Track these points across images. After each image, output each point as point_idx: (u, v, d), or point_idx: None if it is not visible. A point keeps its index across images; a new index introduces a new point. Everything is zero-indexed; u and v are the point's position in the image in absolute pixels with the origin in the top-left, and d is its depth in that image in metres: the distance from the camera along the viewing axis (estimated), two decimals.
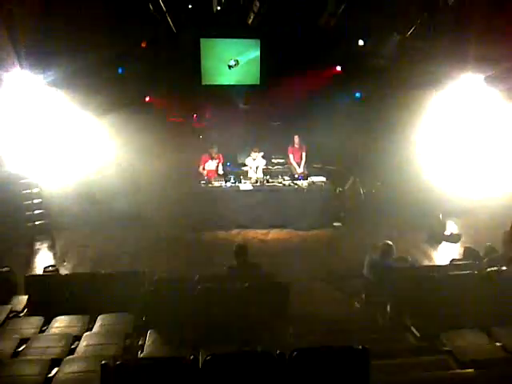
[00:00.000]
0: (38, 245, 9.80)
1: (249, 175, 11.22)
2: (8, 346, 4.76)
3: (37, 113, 9.81)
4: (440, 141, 10.65)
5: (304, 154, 11.92)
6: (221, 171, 11.21)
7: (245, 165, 11.57)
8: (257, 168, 11.35)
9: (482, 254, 6.96)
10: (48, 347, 4.71)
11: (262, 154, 11.37)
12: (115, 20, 10.64)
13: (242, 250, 6.29)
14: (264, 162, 11.50)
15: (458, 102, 10.31)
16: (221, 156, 11.26)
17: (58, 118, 10.12)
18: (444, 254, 9.12)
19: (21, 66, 9.11)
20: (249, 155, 11.42)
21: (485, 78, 9.62)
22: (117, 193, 10.25)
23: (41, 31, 9.15)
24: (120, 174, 10.48)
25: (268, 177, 11.15)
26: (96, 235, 10.01)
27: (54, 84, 9.75)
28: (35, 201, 10.34)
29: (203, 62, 13.62)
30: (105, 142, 10.55)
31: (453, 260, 7.30)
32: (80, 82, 10.09)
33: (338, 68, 13.68)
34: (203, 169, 11.05)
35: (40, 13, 9.13)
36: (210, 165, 11.13)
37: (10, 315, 5.72)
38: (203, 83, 13.71)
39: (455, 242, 9.64)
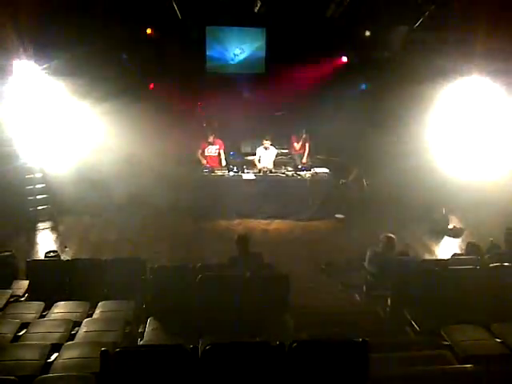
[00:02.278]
0: (40, 230, 9.83)
1: (257, 164, 11.13)
2: (8, 330, 4.77)
3: (40, 99, 9.77)
4: (446, 134, 10.58)
5: (308, 145, 11.87)
6: (223, 161, 11.16)
7: (254, 154, 11.46)
8: (270, 159, 11.25)
9: (484, 249, 6.95)
10: (48, 332, 4.73)
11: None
12: (120, 6, 10.55)
13: (243, 239, 6.29)
14: (276, 152, 11.40)
15: (464, 95, 10.23)
16: (221, 141, 11.20)
17: (61, 105, 10.08)
18: (446, 249, 9.11)
19: (25, 53, 9.06)
20: (261, 144, 11.29)
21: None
22: (119, 179, 10.24)
23: (44, 18, 9.09)
24: (119, 161, 10.48)
25: (271, 167, 11.12)
26: (98, 221, 10.03)
27: (57, 70, 9.69)
28: (38, 186, 10.35)
29: (208, 49, 13.54)
30: (107, 129, 10.51)
31: (455, 255, 7.29)
32: (84, 68, 10.03)
33: (344, 59, 13.57)
34: (201, 154, 11.05)
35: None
36: (210, 150, 11.09)
37: (11, 300, 5.74)
38: (208, 71, 13.64)
39: (457, 237, 9.63)
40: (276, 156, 11.49)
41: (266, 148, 11.19)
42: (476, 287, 5.43)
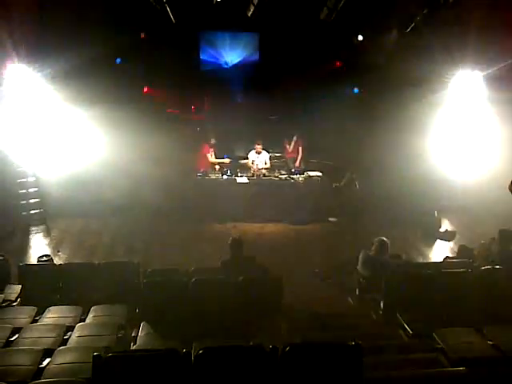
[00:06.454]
0: (32, 234, 9.78)
1: (251, 169, 11.17)
2: (0, 335, 4.74)
3: (33, 103, 9.74)
4: (437, 137, 10.64)
5: (301, 149, 11.90)
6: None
7: (246, 158, 11.50)
8: (264, 163, 11.28)
9: (476, 252, 6.98)
10: (41, 337, 4.69)
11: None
12: (114, 10, 10.56)
13: (237, 243, 6.28)
14: (268, 155, 11.43)
15: (456, 99, 10.30)
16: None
17: (54, 108, 10.05)
18: (438, 252, 9.14)
19: (18, 57, 9.03)
20: (252, 149, 11.33)
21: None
22: (112, 183, 10.22)
23: (38, 21, 9.08)
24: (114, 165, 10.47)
25: (265, 170, 11.13)
26: (91, 225, 9.99)
27: (50, 75, 9.66)
28: (31, 190, 10.30)
29: (202, 54, 13.58)
30: (101, 133, 10.48)
31: (447, 258, 7.33)
32: (77, 72, 10.00)
33: (337, 63, 13.63)
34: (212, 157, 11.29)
35: (37, 2, 9.06)
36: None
37: (3, 304, 5.71)
38: (201, 75, 13.66)
39: (450, 240, 9.65)
40: (270, 159, 11.52)
41: (258, 152, 11.23)
42: (468, 290, 5.46)
